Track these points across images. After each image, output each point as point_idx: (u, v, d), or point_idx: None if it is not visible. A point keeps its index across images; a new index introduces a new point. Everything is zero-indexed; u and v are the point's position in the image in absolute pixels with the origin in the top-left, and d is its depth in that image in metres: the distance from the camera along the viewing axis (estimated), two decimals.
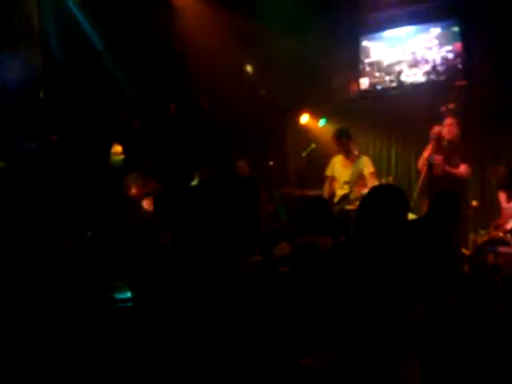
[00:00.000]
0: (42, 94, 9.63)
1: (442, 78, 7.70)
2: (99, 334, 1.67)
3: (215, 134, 8.80)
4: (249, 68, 8.98)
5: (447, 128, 6.02)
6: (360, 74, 8.39)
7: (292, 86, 8.30)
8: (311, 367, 2.49)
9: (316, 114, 8.31)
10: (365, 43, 8.35)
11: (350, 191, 6.42)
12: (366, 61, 8.35)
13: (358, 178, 6.46)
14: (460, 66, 7.54)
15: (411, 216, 4.90)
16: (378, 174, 6.80)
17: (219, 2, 8.03)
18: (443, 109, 6.30)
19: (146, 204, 6.15)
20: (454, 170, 5.92)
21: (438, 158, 5.91)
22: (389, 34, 8.17)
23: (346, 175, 6.55)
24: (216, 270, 1.76)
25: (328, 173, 6.80)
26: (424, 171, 5.95)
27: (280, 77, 8.41)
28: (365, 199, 2.82)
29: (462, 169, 5.95)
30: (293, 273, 3.31)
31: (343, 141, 6.57)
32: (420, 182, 5.99)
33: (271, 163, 7.48)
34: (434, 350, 2.43)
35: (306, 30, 7.83)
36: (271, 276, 3.25)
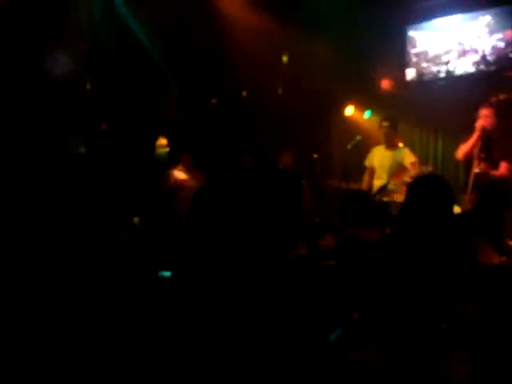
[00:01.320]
0: (88, 86, 9.86)
1: (492, 68, 7.48)
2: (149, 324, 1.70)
3: (258, 127, 8.81)
4: (285, 58, 8.93)
5: (484, 119, 5.79)
6: (406, 64, 8.24)
7: (336, 77, 8.22)
8: (356, 361, 2.47)
9: (361, 106, 8.21)
10: (411, 33, 8.19)
11: (388, 182, 6.33)
12: (413, 51, 8.18)
13: (397, 169, 6.37)
14: (511, 56, 7.31)
15: (457, 209, 4.78)
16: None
17: None
18: (493, 100, 6.11)
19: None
20: (496, 173, 5.70)
21: (483, 167, 5.72)
22: (436, 23, 7.98)
23: (385, 165, 6.46)
24: (262, 264, 1.76)
25: (367, 163, 6.74)
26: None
27: (324, 68, 8.34)
28: (410, 189, 2.78)
29: (503, 169, 5.71)
30: (339, 266, 3.29)
31: (385, 128, 6.50)
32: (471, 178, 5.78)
33: (315, 156, 7.43)
34: (484, 347, 2.38)
35: (350, 20, 7.74)
36: (317, 269, 3.25)
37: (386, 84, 8.35)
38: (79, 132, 8.04)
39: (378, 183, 6.47)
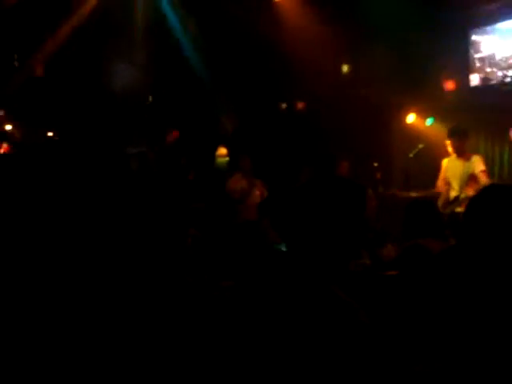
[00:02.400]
0: (150, 99, 10.14)
1: None
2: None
3: (317, 135, 8.79)
4: (345, 68, 8.88)
5: None
6: (470, 69, 8.02)
7: (397, 84, 8.11)
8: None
9: (423, 113, 8.05)
10: (474, 37, 7.98)
11: (460, 192, 6.18)
12: (477, 56, 7.97)
13: (469, 179, 6.19)
14: None
15: None
16: (489, 173, 6.48)
17: (320, 1, 8.03)
18: None
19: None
20: None
21: None
22: (501, 26, 7.73)
23: (457, 175, 6.30)
24: (325, 272, 1.76)
25: (442, 175, 6.58)
26: None
27: (384, 75, 8.24)
28: (474, 199, 2.68)
29: None
30: (401, 277, 3.23)
31: (455, 140, 6.33)
32: None
33: (375, 164, 7.34)
34: None
35: (410, 26, 7.62)
36: (379, 279, 3.20)
37: (449, 90, 8.16)
38: (142, 143, 8.26)
39: (452, 194, 6.34)
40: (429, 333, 2.50)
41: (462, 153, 6.34)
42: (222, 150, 8.77)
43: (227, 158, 8.65)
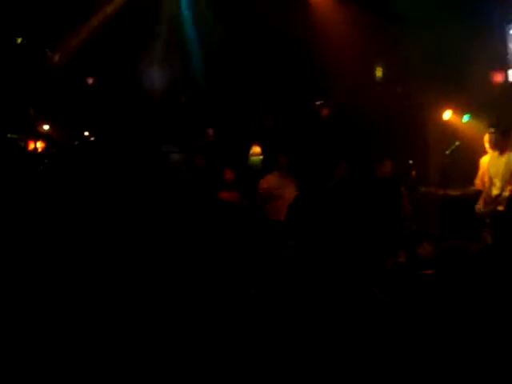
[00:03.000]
0: (183, 99, 10.23)
1: None
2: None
3: (352, 134, 8.74)
4: (380, 65, 8.81)
5: None
6: (508, 64, 7.86)
7: (432, 81, 7.99)
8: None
9: (459, 110, 7.92)
10: None
11: (503, 190, 6.05)
12: None
13: (511, 176, 6.07)
14: None
15: None
16: None
17: (352, 5, 8.00)
18: None
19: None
20: None
21: None
22: None
23: (500, 173, 6.17)
24: (362, 271, 1.76)
25: (481, 173, 6.46)
26: None
27: (419, 72, 8.14)
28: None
29: None
30: (437, 276, 3.19)
31: (499, 137, 6.20)
32: None
33: (411, 162, 7.25)
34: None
35: (446, 23, 7.51)
36: (415, 278, 3.16)
37: (489, 85, 8.00)
38: (176, 144, 8.34)
39: (494, 192, 6.21)
40: (462, 332, 2.47)
41: (505, 150, 6.21)
42: (256, 149, 8.79)
43: (261, 157, 8.68)
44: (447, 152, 6.84)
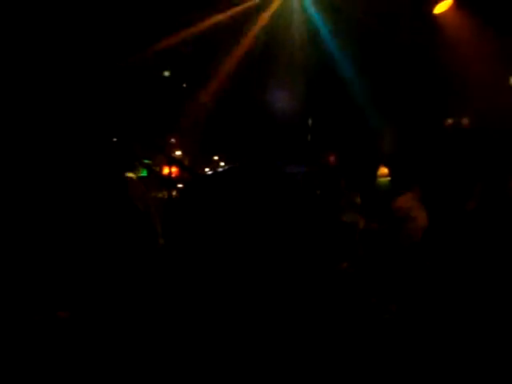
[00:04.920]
0: (310, 122, 10.31)
1: None
2: None
3: (486, 151, 8.29)
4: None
5: None
6: None
7: None
8: None
9: None
10: None
11: None
12: None
13: None
14: None
15: None
16: None
17: (480, 13, 7.66)
18: None
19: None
20: None
21: None
22: None
23: None
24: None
25: None
26: None
27: None
28: None
29: None
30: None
31: None
32: None
33: None
34: None
35: None
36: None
37: None
38: (303, 164, 8.41)
39: None
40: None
41: None
42: (384, 170, 8.63)
43: (389, 178, 8.49)
44: None
